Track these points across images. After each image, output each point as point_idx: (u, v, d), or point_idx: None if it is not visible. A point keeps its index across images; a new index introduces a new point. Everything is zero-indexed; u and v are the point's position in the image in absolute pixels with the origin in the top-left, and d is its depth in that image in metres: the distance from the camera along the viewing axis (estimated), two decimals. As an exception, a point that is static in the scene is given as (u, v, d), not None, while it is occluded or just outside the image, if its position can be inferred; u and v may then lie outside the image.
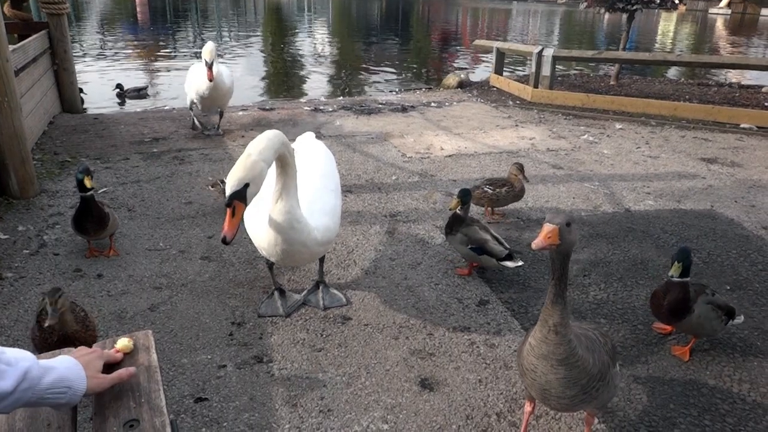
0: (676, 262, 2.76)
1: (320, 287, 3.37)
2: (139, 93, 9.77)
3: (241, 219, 2.35)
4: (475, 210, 4.54)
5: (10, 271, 3.53)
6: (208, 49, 5.99)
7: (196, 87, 6.22)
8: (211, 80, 5.97)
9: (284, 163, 2.56)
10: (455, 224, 3.61)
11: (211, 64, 5.94)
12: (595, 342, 2.11)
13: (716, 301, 2.83)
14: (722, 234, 4.34)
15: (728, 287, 3.61)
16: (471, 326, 3.15)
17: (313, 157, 3.29)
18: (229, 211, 2.32)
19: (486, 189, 4.39)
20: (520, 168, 4.39)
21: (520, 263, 3.49)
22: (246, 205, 2.36)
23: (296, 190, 2.68)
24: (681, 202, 4.93)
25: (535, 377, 2.06)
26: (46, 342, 2.34)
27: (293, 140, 4.03)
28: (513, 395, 2.64)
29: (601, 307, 3.38)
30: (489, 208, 4.53)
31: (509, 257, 3.47)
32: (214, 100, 6.37)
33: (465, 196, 3.61)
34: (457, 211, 3.61)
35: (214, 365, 2.79)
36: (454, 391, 2.66)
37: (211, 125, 6.86)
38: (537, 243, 1.89)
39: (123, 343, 1.66)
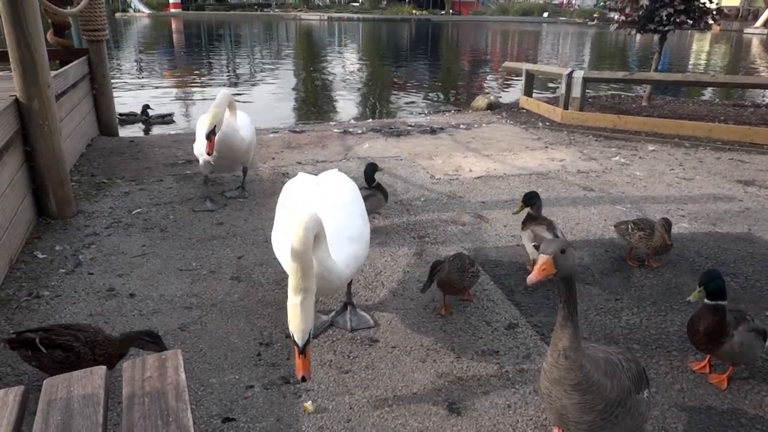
0: (698, 287, 2.70)
1: (348, 308, 3.36)
2: (164, 119, 9.77)
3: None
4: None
5: (46, 290, 3.62)
6: (212, 112, 4.45)
7: (200, 150, 4.84)
8: (209, 153, 4.50)
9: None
10: (527, 221, 3.90)
11: (212, 131, 4.45)
12: (616, 366, 2.06)
13: (757, 326, 2.74)
14: (761, 258, 4.21)
15: (767, 313, 3.49)
16: (500, 350, 3.11)
17: (338, 185, 3.27)
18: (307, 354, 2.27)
19: (628, 226, 4.03)
20: (666, 225, 3.83)
21: None
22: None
23: (326, 241, 2.66)
24: (717, 225, 4.82)
25: (551, 401, 2.05)
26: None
27: (320, 161, 4.05)
28: (542, 421, 2.58)
29: (633, 332, 3.30)
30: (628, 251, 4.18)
31: None
32: (224, 166, 5.08)
33: (530, 199, 3.88)
34: (530, 211, 3.89)
35: (242, 385, 2.80)
36: (482, 416, 2.62)
37: (232, 187, 5.55)
38: (531, 278, 1.90)
39: None
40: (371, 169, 4.46)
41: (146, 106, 9.76)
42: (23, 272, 3.84)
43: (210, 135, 4.45)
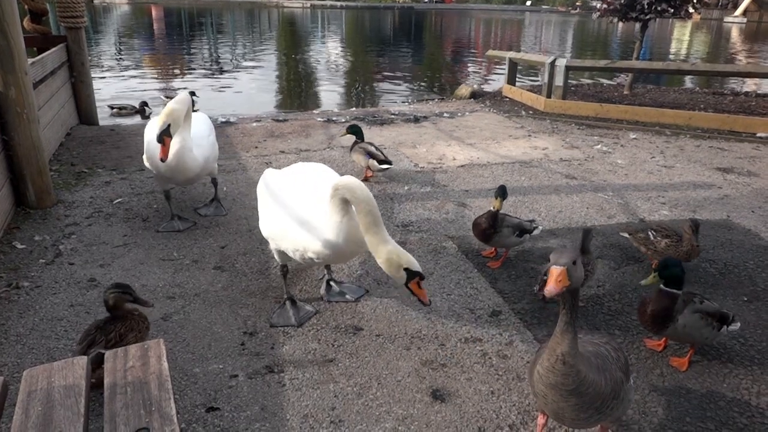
0: (653, 273, 2.80)
1: (333, 284, 3.50)
2: (122, 111, 9.25)
3: None
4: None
5: (26, 281, 3.57)
6: (168, 107, 3.66)
7: (148, 157, 4.11)
8: (163, 159, 3.71)
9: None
10: (495, 224, 3.78)
11: (166, 132, 3.64)
12: (606, 359, 2.06)
13: (705, 309, 2.77)
14: (739, 244, 4.28)
15: (745, 298, 3.55)
16: (483, 337, 3.13)
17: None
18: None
19: (649, 234, 3.83)
20: (693, 226, 3.66)
21: (540, 228, 4.03)
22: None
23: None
24: (696, 212, 4.88)
25: (547, 402, 2.03)
26: None
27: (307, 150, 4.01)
28: (526, 407, 2.61)
29: (615, 318, 3.35)
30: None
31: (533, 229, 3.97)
32: (181, 182, 4.23)
33: (503, 192, 3.80)
34: (493, 209, 3.76)
35: (226, 375, 2.79)
36: (466, 403, 2.64)
37: (203, 202, 4.85)
38: (550, 290, 1.79)
39: None
40: (359, 128, 5.59)
41: (144, 103, 9.32)
42: (2, 263, 3.78)
43: (163, 136, 3.64)
